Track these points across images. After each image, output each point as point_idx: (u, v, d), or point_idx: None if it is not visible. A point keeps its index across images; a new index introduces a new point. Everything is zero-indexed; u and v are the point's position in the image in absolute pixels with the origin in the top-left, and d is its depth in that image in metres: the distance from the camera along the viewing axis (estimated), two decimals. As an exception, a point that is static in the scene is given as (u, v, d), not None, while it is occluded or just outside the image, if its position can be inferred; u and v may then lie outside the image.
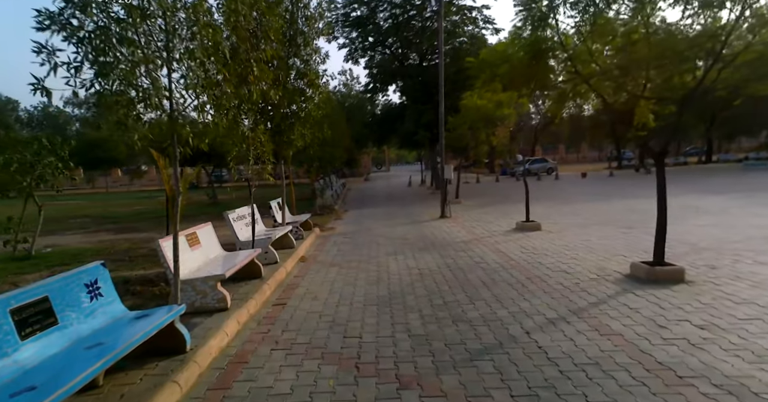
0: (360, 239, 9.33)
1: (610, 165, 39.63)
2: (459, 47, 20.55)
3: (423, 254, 7.50)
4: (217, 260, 5.08)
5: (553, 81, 5.55)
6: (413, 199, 19.60)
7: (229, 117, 4.29)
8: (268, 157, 6.17)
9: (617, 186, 20.26)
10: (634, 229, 8.71)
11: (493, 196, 18.79)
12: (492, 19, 20.84)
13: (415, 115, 19.88)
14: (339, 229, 10.92)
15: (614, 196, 15.57)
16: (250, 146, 5.85)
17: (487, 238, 8.68)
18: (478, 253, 7.30)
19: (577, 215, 11.15)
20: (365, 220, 12.52)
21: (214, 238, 5.57)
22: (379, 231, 10.41)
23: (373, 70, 22.31)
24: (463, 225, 10.74)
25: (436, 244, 8.35)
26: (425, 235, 9.54)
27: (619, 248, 7.03)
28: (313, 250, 8.26)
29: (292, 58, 7.44)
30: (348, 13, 21.36)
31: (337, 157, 15.89)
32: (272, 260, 6.53)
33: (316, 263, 7.14)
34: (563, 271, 5.85)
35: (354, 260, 7.25)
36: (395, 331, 4.00)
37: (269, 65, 5.69)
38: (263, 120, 7.16)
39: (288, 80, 7.21)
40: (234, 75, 4.22)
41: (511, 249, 7.50)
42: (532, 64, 5.39)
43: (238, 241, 6.45)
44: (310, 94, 7.65)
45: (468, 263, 6.64)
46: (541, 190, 19.67)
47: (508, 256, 6.99)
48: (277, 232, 7.08)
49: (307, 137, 8.15)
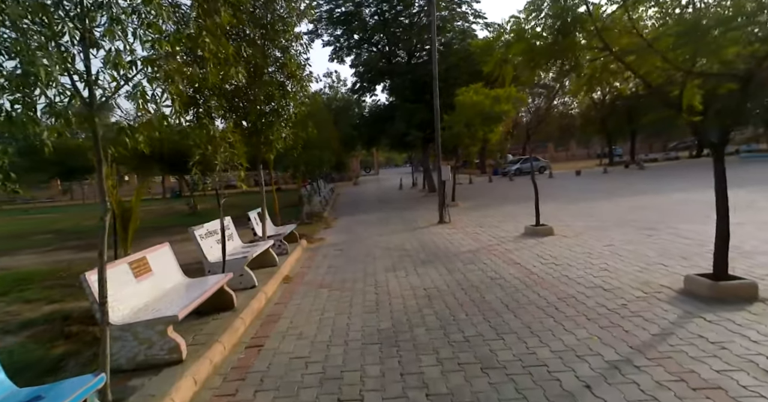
0: (353, 251, 8.29)
1: (601, 162, 39.16)
2: (449, 43, 19.67)
3: (427, 268, 6.49)
4: (173, 293, 4.00)
5: (583, 59, 4.59)
6: (406, 202, 18.61)
7: (177, 107, 3.24)
8: (240, 161, 5.12)
9: (616, 183, 19.53)
10: (656, 230, 7.81)
11: (490, 198, 17.90)
12: (482, 13, 20.08)
13: (405, 114, 18.92)
14: (329, 240, 9.86)
15: (618, 193, 14.76)
16: (218, 147, 4.79)
17: (496, 246, 7.70)
18: (490, 266, 6.32)
19: (589, 216, 10.25)
20: (357, 228, 11.47)
21: (172, 263, 4.49)
22: (373, 240, 9.38)
23: (359, 68, 21.30)
24: (465, 231, 9.76)
25: (439, 255, 7.35)
26: (426, 243, 8.53)
27: (651, 255, 6.10)
28: (299, 268, 7.19)
29: (269, 47, 6.40)
30: (332, 10, 20.35)
31: (324, 161, 14.83)
32: (249, 284, 5.45)
33: (303, 284, 6.08)
34: (599, 287, 4.88)
35: (347, 279, 6.21)
36: (407, 387, 2.97)
37: (230, 38, 4.66)
38: (235, 117, 6.11)
39: (265, 71, 6.16)
40: (179, 49, 3.17)
41: (527, 259, 6.53)
42: (556, 40, 4.43)
43: (207, 263, 5.37)
44: (291, 88, 6.61)
45: (482, 279, 5.64)
46: (539, 190, 18.81)
47: (526, 268, 6.01)
48: (255, 249, 6.01)
49: (288, 139, 7.11)
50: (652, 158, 35.54)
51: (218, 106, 4.73)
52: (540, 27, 4.84)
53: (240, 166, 5.13)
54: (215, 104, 4.93)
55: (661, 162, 34.30)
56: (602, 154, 46.10)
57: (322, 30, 20.91)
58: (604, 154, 43.10)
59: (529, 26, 4.94)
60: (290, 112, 6.69)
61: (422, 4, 20.11)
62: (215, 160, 4.72)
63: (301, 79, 6.53)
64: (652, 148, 49.25)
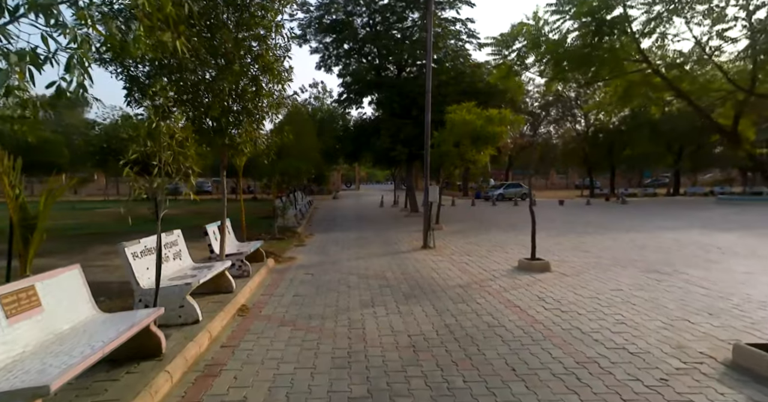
0: (325, 277, 7.22)
1: (582, 193, 39.38)
2: (441, 60, 19.15)
3: (411, 306, 5.50)
4: (69, 339, 2.88)
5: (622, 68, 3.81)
6: (388, 222, 17.64)
7: (79, 79, 2.24)
8: (190, 164, 4.08)
9: (602, 216, 19.11)
10: (664, 274, 7.07)
11: (475, 222, 17.13)
12: (476, 33, 19.67)
13: (392, 129, 18.14)
14: (300, 260, 8.75)
15: (609, 227, 14.20)
16: (160, 145, 3.75)
17: (488, 282, 6.79)
18: (485, 308, 5.37)
19: (584, 251, 9.49)
20: (333, 248, 10.40)
21: (79, 292, 3.36)
22: (349, 264, 8.33)
23: (347, 78, 20.50)
24: (452, 259, 8.83)
25: (425, 289, 6.37)
26: (409, 273, 7.55)
27: (671, 307, 5.28)
28: (260, 295, 6.07)
29: (244, 34, 5.43)
30: (322, 16, 19.60)
31: (302, 172, 13.78)
32: (190, 318, 4.33)
33: (260, 319, 4.98)
34: (622, 348, 3.99)
35: (315, 314, 5.15)
36: None
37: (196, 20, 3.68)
38: (195, 112, 5.07)
39: (236, 61, 5.17)
40: None
41: (526, 301, 5.62)
42: (589, 43, 3.64)
43: (138, 290, 4.23)
44: (266, 85, 5.63)
45: (477, 326, 4.68)
46: (525, 218, 18.20)
47: (528, 314, 5.09)
48: (205, 273, 4.89)
49: (260, 143, 6.09)
50: (631, 193, 35.83)
51: (163, 91, 3.73)
52: (567, 29, 4.03)
53: (191, 170, 4.08)
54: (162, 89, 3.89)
55: (640, 197, 34.55)
56: (582, 184, 46.60)
57: (311, 36, 20.13)
58: (584, 185, 43.51)
59: (552, 27, 4.13)
60: (264, 112, 5.69)
61: (415, 18, 19.65)
62: (154, 160, 3.67)
63: (278, 74, 5.56)
64: (631, 182, 50.16)
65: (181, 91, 5.28)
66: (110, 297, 5.51)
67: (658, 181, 51.10)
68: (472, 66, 19.81)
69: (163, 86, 3.99)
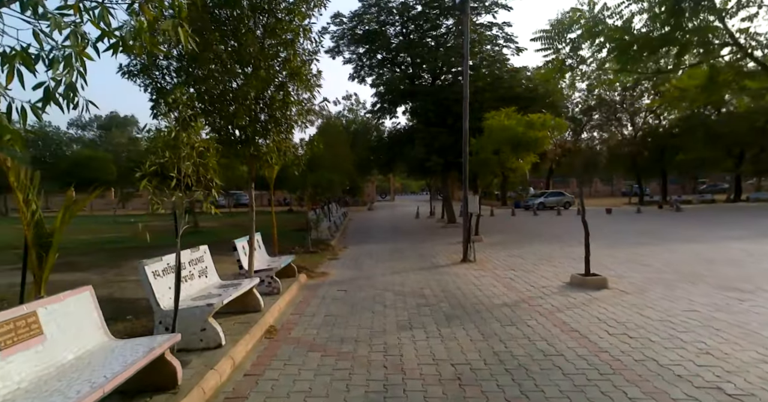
0: (359, 294, 6.78)
1: (630, 200, 37.13)
2: (477, 66, 18.59)
3: (453, 328, 4.95)
4: (70, 372, 2.57)
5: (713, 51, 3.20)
6: (424, 233, 17.07)
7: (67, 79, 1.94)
8: (211, 176, 3.79)
9: (657, 225, 17.71)
10: (746, 293, 6.15)
11: (516, 233, 16.25)
12: (514, 37, 19.01)
13: (427, 138, 17.66)
14: (333, 275, 8.38)
15: (666, 237, 13.01)
16: (179, 156, 3.47)
17: (538, 300, 6.12)
18: (538, 332, 4.74)
19: (643, 265, 8.57)
20: (367, 262, 9.98)
21: (89, 317, 3.08)
22: (384, 280, 7.87)
23: (380, 88, 20.30)
24: (495, 274, 8.18)
25: (467, 308, 5.80)
26: (449, 289, 6.99)
27: (767, 334, 4.46)
28: (289, 314, 5.70)
29: (270, 40, 5.19)
30: (355, 27, 19.59)
31: (335, 184, 13.54)
32: (212, 343, 3.99)
33: (288, 342, 4.59)
34: (718, 388, 3.28)
35: (348, 338, 4.70)
36: None
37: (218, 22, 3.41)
38: (219, 120, 4.84)
39: (261, 65, 4.92)
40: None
41: (585, 324, 4.94)
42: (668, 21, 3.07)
43: (159, 312, 3.94)
44: (294, 91, 5.34)
45: (531, 354, 4.08)
46: (570, 228, 17.15)
47: (589, 340, 4.42)
48: (230, 292, 4.57)
49: (288, 153, 5.80)
50: (686, 200, 33.40)
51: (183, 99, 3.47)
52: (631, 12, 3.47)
53: (212, 183, 3.79)
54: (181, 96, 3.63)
55: (696, 204, 32.13)
56: (629, 192, 44.09)
57: (344, 47, 20.13)
58: (632, 193, 41.11)
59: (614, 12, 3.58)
60: (292, 120, 5.40)
61: (449, 25, 19.26)
62: (172, 171, 3.39)
63: (306, 80, 5.26)
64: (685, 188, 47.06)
65: (207, 100, 5.09)
66: (137, 315, 5.31)
67: (715, 187, 47.63)
68: (510, 71, 19.13)
69: (183, 93, 3.74)
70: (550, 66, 4.60)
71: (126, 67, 5.50)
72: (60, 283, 7.88)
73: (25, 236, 3.34)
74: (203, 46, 4.75)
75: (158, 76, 5.42)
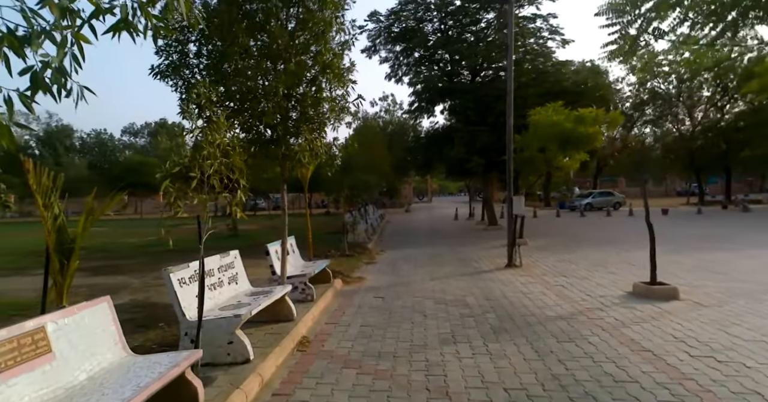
0: (397, 302, 6.36)
1: (689, 201, 34.52)
2: (520, 61, 17.74)
3: (502, 343, 4.43)
4: (78, 397, 2.30)
5: None
6: (464, 236, 16.41)
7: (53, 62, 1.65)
8: (237, 177, 3.50)
9: (724, 227, 16.16)
10: None
11: (562, 236, 15.27)
12: (559, 28, 18.00)
13: (466, 138, 17.00)
14: (369, 281, 8.00)
15: (737, 241, 11.73)
16: (200, 155, 3.20)
17: (597, 312, 5.46)
18: (603, 351, 4.13)
19: (718, 273, 7.62)
20: (405, 267, 9.53)
21: (107, 330, 2.83)
22: (424, 286, 7.40)
23: (417, 87, 19.83)
24: (544, 281, 7.52)
25: (517, 321, 5.24)
26: (494, 298, 6.43)
27: None
28: (323, 323, 5.36)
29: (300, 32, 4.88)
30: (391, 25, 19.25)
31: (372, 185, 13.20)
32: (239, 357, 3.70)
33: (322, 356, 4.23)
34: None
35: (386, 353, 4.28)
36: None
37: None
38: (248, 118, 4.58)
39: (292, 58, 4.62)
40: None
41: (659, 343, 4.27)
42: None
43: (185, 322, 3.69)
44: (326, 85, 5.01)
45: (599, 380, 3.49)
46: (623, 230, 15.93)
47: (667, 363, 3.77)
48: (261, 301, 4.28)
49: (321, 153, 5.47)
50: (755, 199, 30.56)
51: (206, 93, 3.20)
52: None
53: (237, 185, 3.50)
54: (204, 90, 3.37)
55: (766, 204, 29.35)
56: (686, 191, 41.13)
57: (380, 46, 19.83)
58: (689, 192, 38.30)
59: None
60: (324, 118, 5.07)
61: (490, 19, 18.52)
62: (193, 172, 3.11)
63: (338, 73, 4.91)
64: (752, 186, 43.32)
65: (237, 99, 4.86)
66: (169, 323, 5.14)
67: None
68: (556, 64, 18.13)
69: (207, 88, 3.48)
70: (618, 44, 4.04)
71: (157, 67, 5.39)
72: (101, 286, 8.01)
73: (47, 242, 3.17)
74: (230, 41, 4.52)
75: (188, 74, 5.26)
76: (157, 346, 4.37)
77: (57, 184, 3.35)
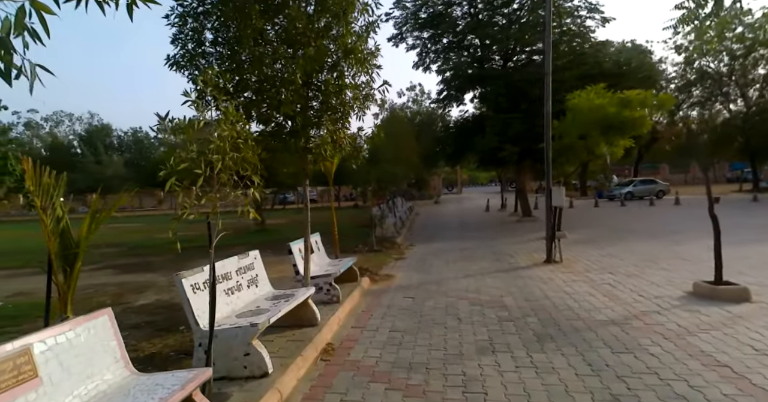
0: (428, 303, 5.94)
1: (741, 187, 32.16)
2: (556, 43, 16.72)
3: (549, 354, 3.94)
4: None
5: None
6: (497, 229, 15.75)
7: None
8: (249, 172, 3.15)
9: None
10: None
11: (604, 228, 14.35)
12: (599, 6, 16.80)
13: (498, 126, 16.22)
14: (398, 279, 7.61)
15: (806, 232, 10.59)
16: (207, 148, 2.87)
17: (655, 316, 4.85)
18: (667, 364, 3.58)
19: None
20: (436, 263, 9.08)
21: (106, 347, 2.56)
22: (457, 285, 6.94)
23: (446, 74, 19.07)
24: (589, 278, 6.91)
25: (562, 326, 4.72)
26: (535, 298, 5.90)
27: None
28: (349, 327, 5.01)
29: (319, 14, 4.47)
30: (418, 10, 18.52)
31: (399, 177, 12.74)
32: (257, 371, 3.38)
33: (347, 367, 3.87)
34: None
35: (417, 364, 3.88)
36: None
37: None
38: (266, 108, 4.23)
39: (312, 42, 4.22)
40: None
41: (737, 357, 3.66)
42: None
43: (199, 332, 3.41)
44: (348, 71, 4.59)
45: (667, 400, 2.97)
46: (670, 220, 14.84)
47: (753, 383, 3.19)
48: (282, 305, 3.96)
49: (346, 145, 5.08)
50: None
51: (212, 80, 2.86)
52: None
53: (250, 182, 3.15)
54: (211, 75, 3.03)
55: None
56: (737, 177, 38.43)
57: (407, 33, 19.14)
58: (742, 178, 35.73)
59: None
60: (348, 107, 4.66)
61: (522, 0, 17.49)
62: (198, 168, 2.78)
63: (362, 58, 4.48)
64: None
65: (253, 89, 4.52)
66: (190, 327, 4.92)
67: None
68: (595, 44, 16.99)
69: (215, 73, 3.15)
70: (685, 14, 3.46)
71: (173, 58, 5.12)
72: (130, 284, 8.00)
73: (48, 248, 2.93)
74: (244, 25, 4.17)
75: (204, 64, 4.96)
76: (174, 354, 4.14)
77: (60, 183, 3.10)
